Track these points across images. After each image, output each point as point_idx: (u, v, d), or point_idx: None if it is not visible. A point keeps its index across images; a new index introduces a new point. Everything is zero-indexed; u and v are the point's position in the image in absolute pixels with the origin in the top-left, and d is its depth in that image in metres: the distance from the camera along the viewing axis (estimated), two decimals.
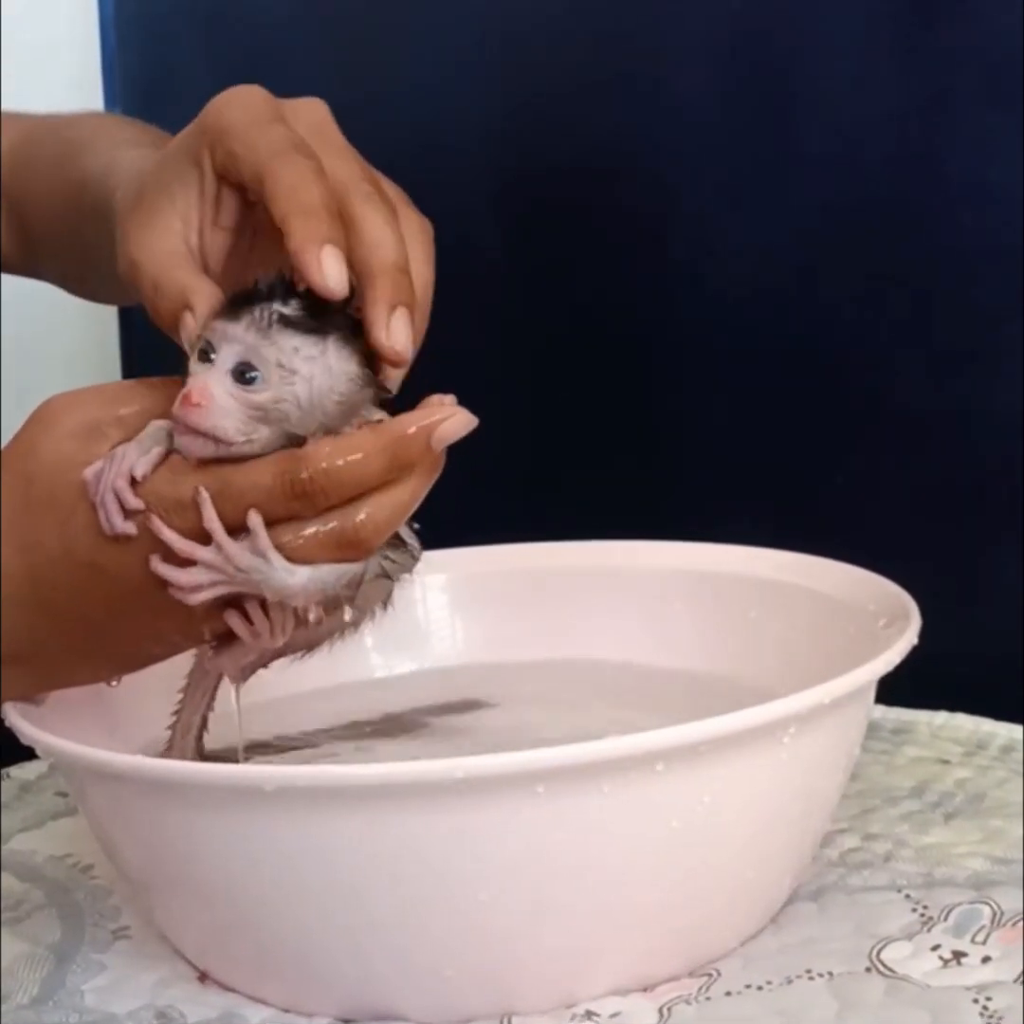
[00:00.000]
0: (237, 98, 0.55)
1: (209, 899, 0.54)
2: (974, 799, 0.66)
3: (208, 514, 0.50)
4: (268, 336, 0.50)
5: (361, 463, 0.50)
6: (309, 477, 0.49)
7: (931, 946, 0.55)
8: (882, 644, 0.56)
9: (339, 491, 0.50)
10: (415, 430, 0.50)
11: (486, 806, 0.49)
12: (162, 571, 0.50)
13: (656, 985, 0.54)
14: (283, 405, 0.50)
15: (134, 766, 0.51)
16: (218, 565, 0.50)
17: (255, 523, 0.50)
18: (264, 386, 0.49)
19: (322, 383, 0.50)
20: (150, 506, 0.50)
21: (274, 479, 0.50)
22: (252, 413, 0.49)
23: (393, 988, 0.52)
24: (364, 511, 0.50)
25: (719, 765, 0.51)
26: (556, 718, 0.65)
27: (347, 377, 0.50)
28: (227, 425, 0.49)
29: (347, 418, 0.50)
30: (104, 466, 0.50)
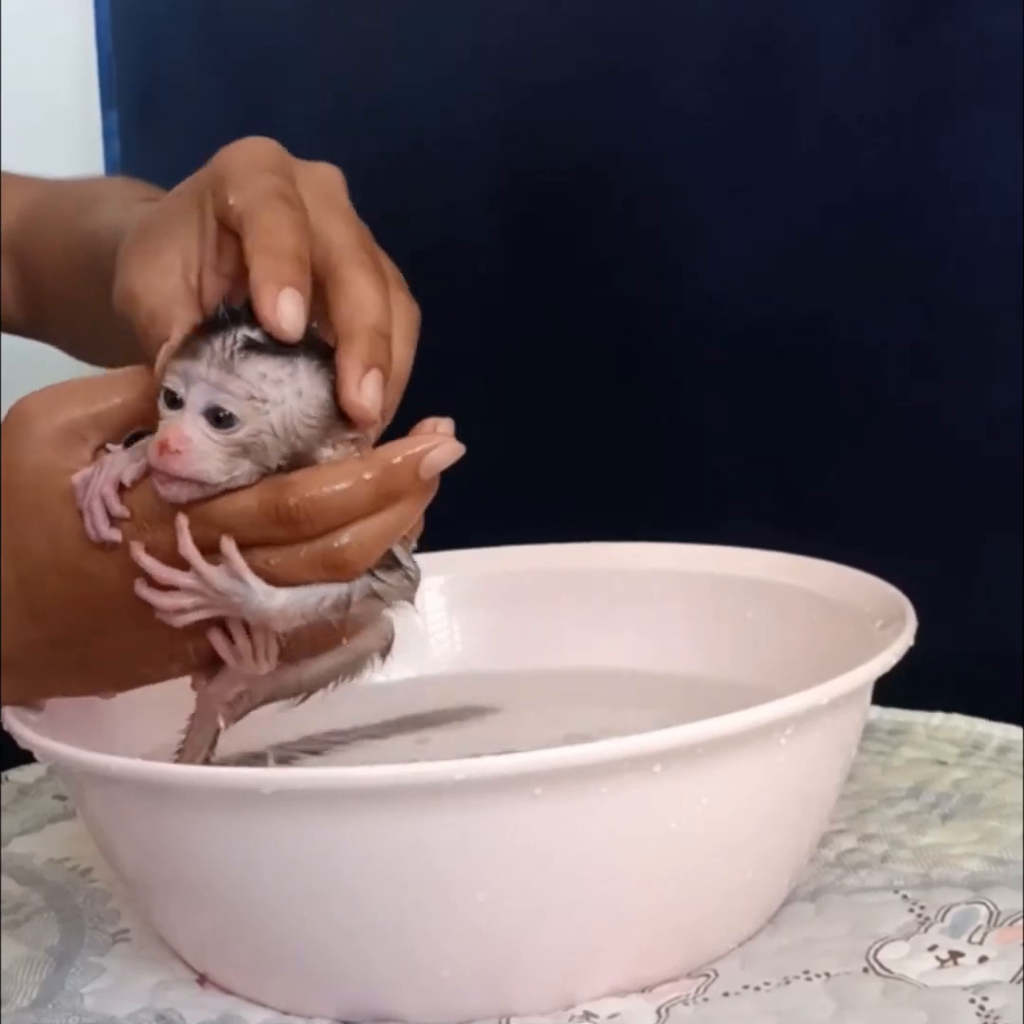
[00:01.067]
0: (245, 147, 0.55)
1: (208, 902, 0.54)
2: (971, 800, 0.66)
3: (183, 540, 0.49)
4: (232, 369, 0.49)
5: (348, 491, 0.49)
6: (295, 504, 0.49)
7: (928, 946, 0.55)
8: (879, 645, 0.56)
9: (325, 519, 0.49)
10: (402, 459, 0.50)
11: (485, 808, 0.49)
12: (145, 595, 0.50)
13: (654, 986, 0.54)
14: (261, 436, 0.49)
15: (132, 769, 0.51)
16: (197, 589, 0.50)
17: (227, 548, 0.49)
18: (239, 423, 0.49)
19: (293, 407, 0.49)
20: (135, 515, 0.50)
21: (260, 505, 0.49)
22: (232, 450, 0.49)
23: (392, 989, 0.53)
24: (350, 532, 0.50)
25: (716, 767, 0.51)
26: (553, 720, 0.65)
27: (318, 402, 0.49)
28: (209, 467, 0.49)
29: (321, 440, 0.50)
30: (92, 472, 0.50)
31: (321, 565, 0.50)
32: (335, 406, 0.50)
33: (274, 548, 0.50)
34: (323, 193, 0.55)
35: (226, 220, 0.54)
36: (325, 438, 0.50)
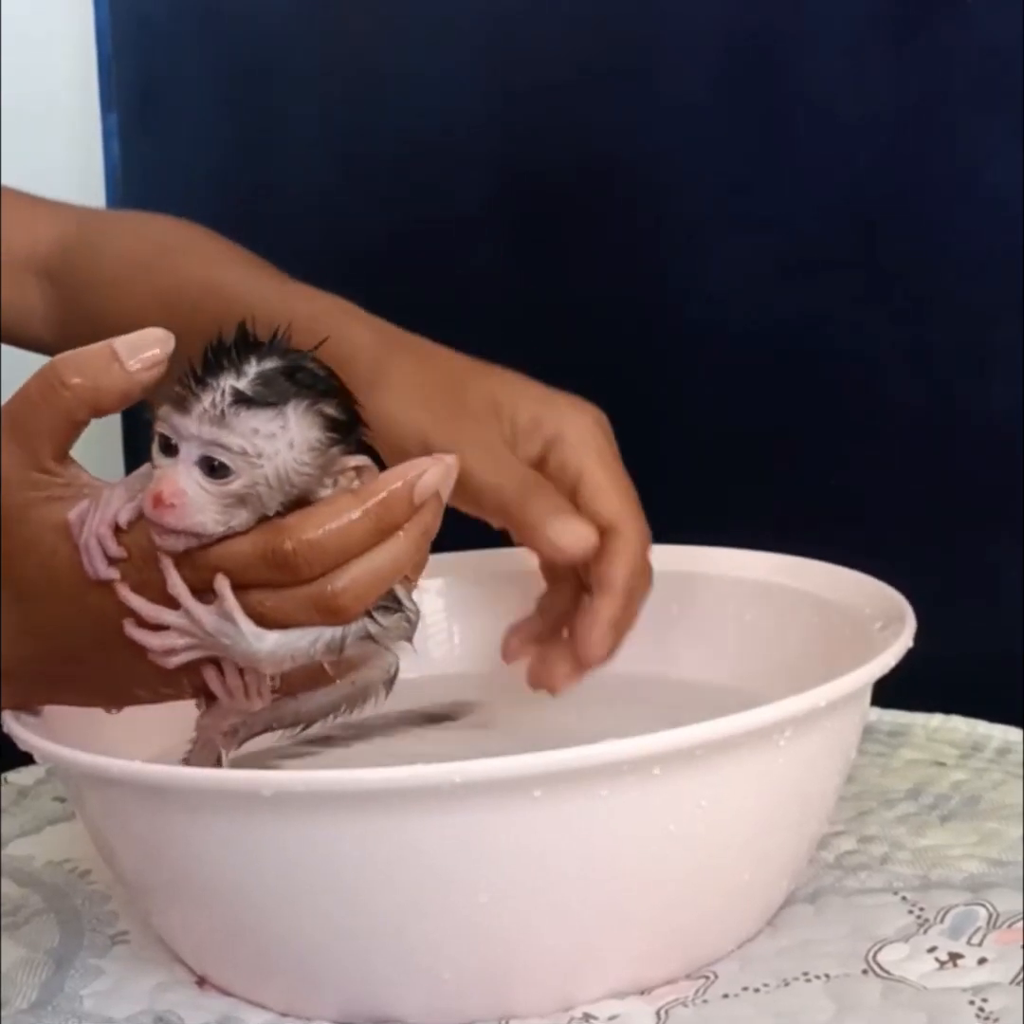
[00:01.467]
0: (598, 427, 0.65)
1: (207, 904, 0.54)
2: (970, 801, 0.66)
3: (172, 579, 0.49)
4: (226, 424, 0.48)
5: (344, 530, 0.49)
6: (292, 548, 0.49)
7: (927, 948, 0.55)
8: (878, 647, 0.56)
9: (323, 560, 0.49)
10: (394, 489, 0.49)
11: (484, 810, 0.49)
12: (136, 636, 0.50)
13: (654, 988, 0.54)
14: (256, 488, 0.49)
15: (131, 771, 0.51)
16: (187, 629, 0.49)
17: (221, 587, 0.49)
18: (234, 475, 0.48)
19: (286, 458, 0.49)
20: (132, 555, 0.50)
21: (255, 550, 0.49)
22: (227, 501, 0.49)
23: (392, 991, 0.53)
24: (346, 576, 0.49)
25: (716, 769, 0.51)
26: (552, 722, 0.65)
27: (309, 446, 0.49)
28: (205, 520, 0.49)
29: (319, 480, 0.49)
30: (88, 508, 0.50)
31: (315, 608, 0.50)
32: (328, 437, 0.49)
33: (269, 589, 0.49)
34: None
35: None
36: (324, 477, 0.50)
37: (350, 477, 0.50)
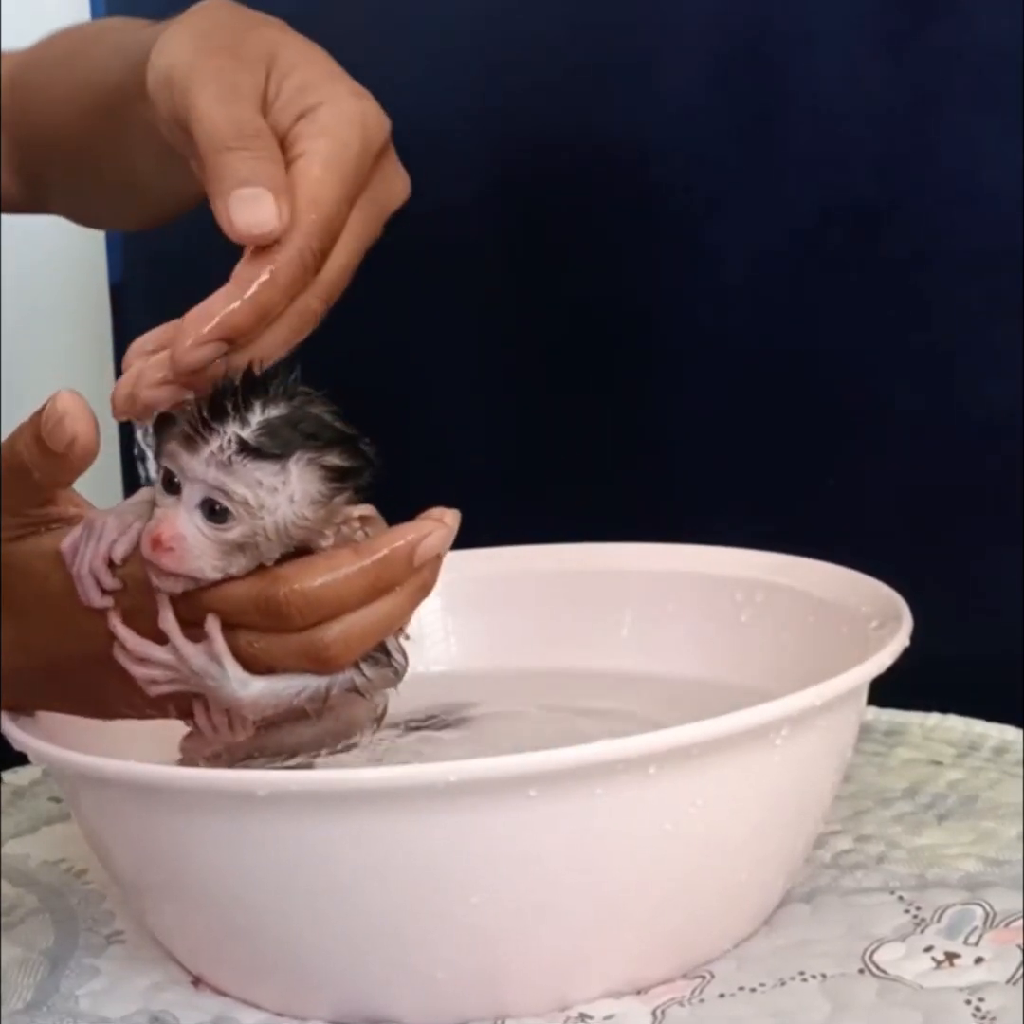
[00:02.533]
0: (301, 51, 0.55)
1: (202, 904, 0.54)
2: (967, 800, 0.66)
3: (164, 614, 0.49)
4: (231, 471, 0.48)
5: (340, 583, 0.49)
6: (285, 598, 0.48)
7: (924, 947, 0.55)
8: (874, 646, 0.56)
9: (316, 612, 0.49)
10: (395, 548, 0.49)
11: (479, 810, 0.49)
12: (121, 660, 0.50)
13: (650, 987, 0.54)
14: (255, 538, 0.49)
15: (126, 772, 0.51)
16: (172, 665, 0.50)
17: (211, 628, 0.49)
18: (234, 522, 0.48)
19: (286, 512, 0.49)
20: (127, 585, 0.50)
21: (248, 594, 0.49)
22: (225, 548, 0.49)
23: (386, 991, 0.52)
24: (338, 628, 0.49)
25: (712, 768, 0.51)
26: (548, 721, 0.65)
27: (310, 500, 0.49)
28: (203, 566, 0.49)
29: (320, 532, 0.49)
30: (80, 537, 0.50)
31: (306, 657, 0.49)
32: (331, 488, 0.49)
33: (260, 633, 0.49)
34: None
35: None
36: (325, 527, 0.50)
37: (353, 527, 0.50)
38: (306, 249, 0.50)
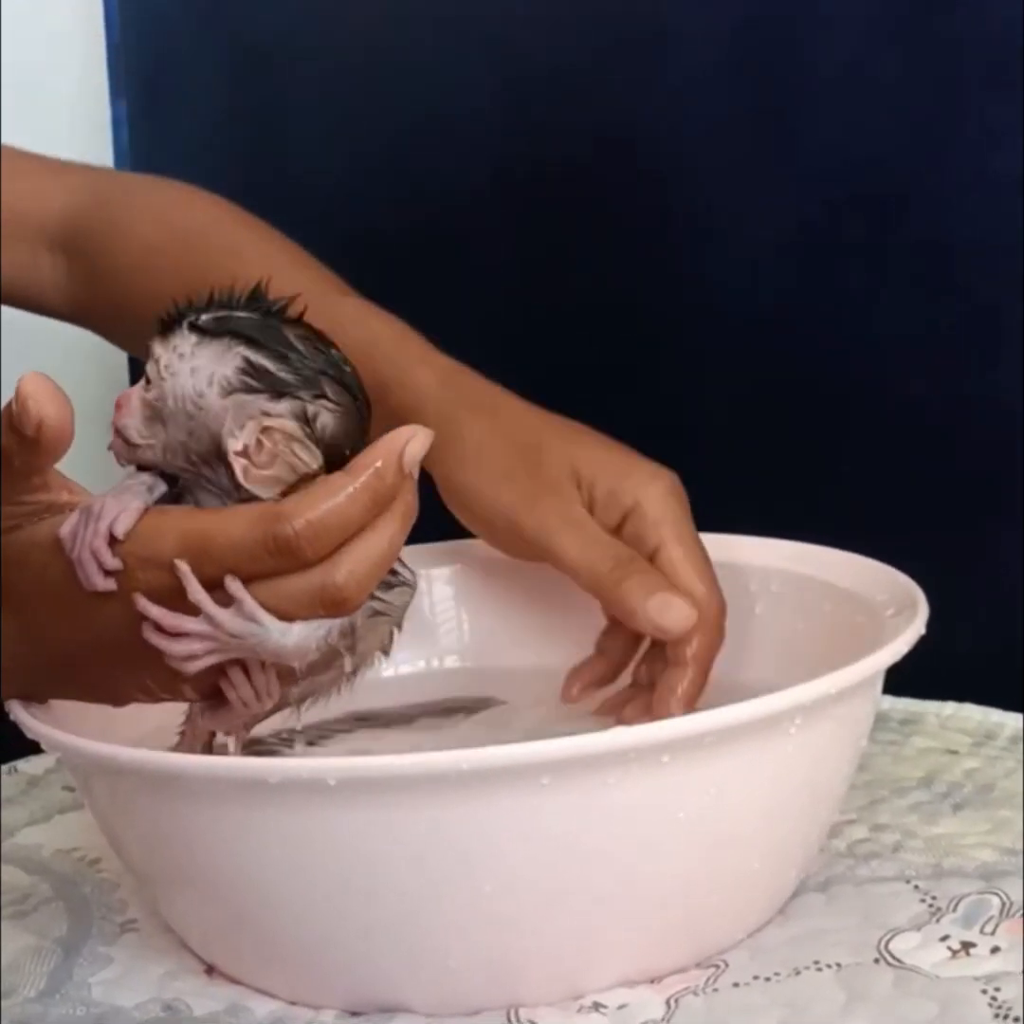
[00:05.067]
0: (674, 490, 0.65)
1: (214, 892, 0.53)
2: (983, 789, 0.66)
3: (192, 586, 0.49)
4: (165, 340, 0.51)
5: (343, 506, 0.49)
6: (294, 533, 0.49)
7: (939, 937, 0.54)
8: (890, 634, 0.55)
9: (326, 540, 0.49)
10: (386, 460, 0.50)
11: (492, 798, 0.49)
12: (155, 641, 0.50)
13: (663, 977, 0.53)
14: (160, 403, 0.51)
15: (138, 760, 0.51)
16: (210, 635, 0.50)
17: (236, 590, 0.49)
18: (152, 386, 0.51)
19: (185, 382, 0.50)
20: (128, 564, 0.50)
21: (255, 537, 0.49)
22: (147, 412, 0.51)
23: (399, 980, 0.52)
24: (345, 567, 0.49)
25: (726, 756, 0.51)
26: (561, 710, 0.65)
27: (210, 380, 0.50)
28: (130, 424, 0.51)
29: (222, 421, 0.50)
30: (79, 520, 0.50)
31: (320, 604, 0.50)
32: (243, 381, 0.50)
33: (270, 586, 0.49)
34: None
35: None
36: (232, 422, 0.50)
37: (275, 439, 0.50)
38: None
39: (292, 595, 0.50)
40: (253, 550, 0.49)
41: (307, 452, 0.50)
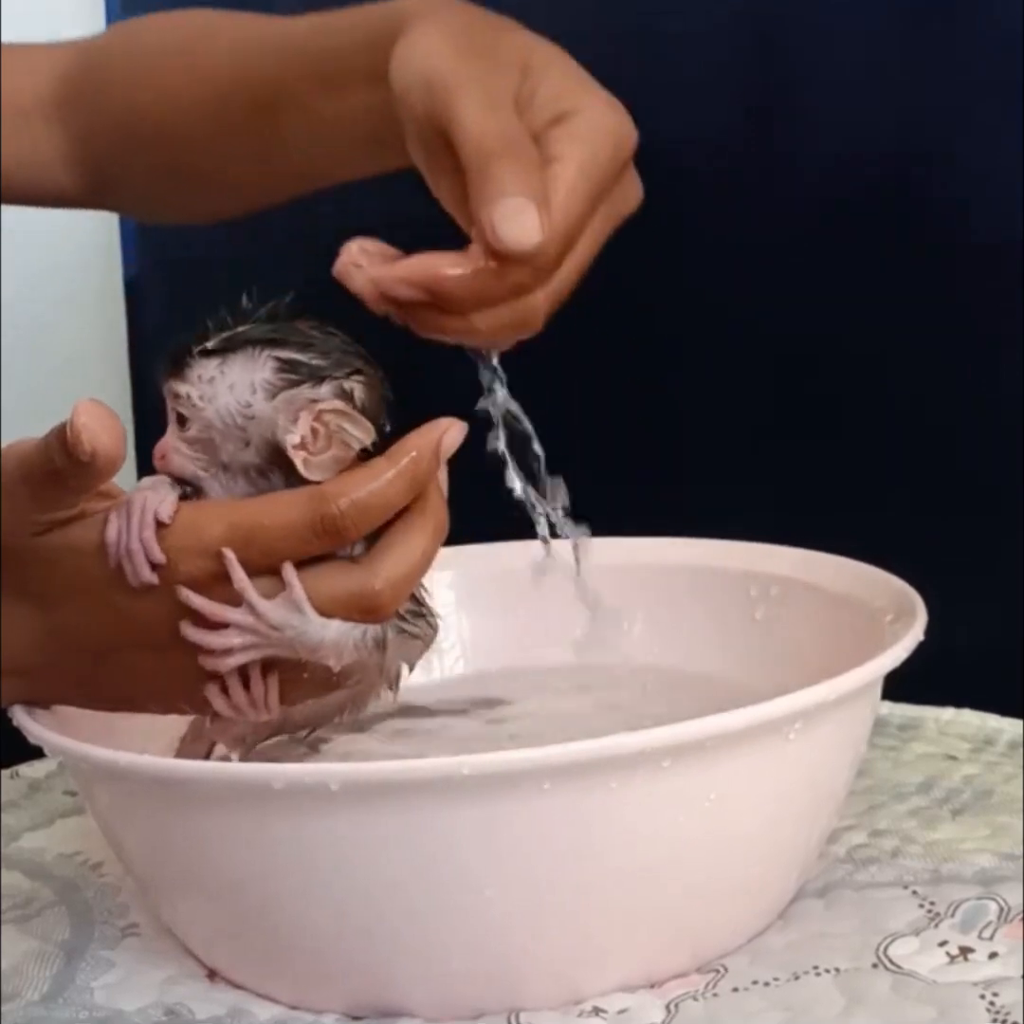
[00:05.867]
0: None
1: (216, 897, 0.54)
2: (981, 795, 0.66)
3: (237, 575, 0.50)
4: (184, 376, 0.52)
5: (383, 489, 0.51)
6: (339, 511, 0.50)
7: (938, 942, 0.55)
8: (888, 640, 0.56)
9: (368, 520, 0.51)
10: (423, 448, 0.51)
11: (493, 803, 0.49)
12: (193, 636, 0.50)
13: (663, 981, 0.54)
14: (207, 432, 0.52)
15: (140, 764, 0.51)
16: (251, 626, 0.50)
17: (290, 575, 0.50)
18: (191, 422, 0.52)
19: (227, 401, 0.52)
20: (169, 559, 0.50)
21: (303, 520, 0.50)
22: (194, 448, 0.52)
23: (401, 984, 0.53)
24: (383, 574, 0.51)
25: (726, 761, 0.51)
26: (562, 715, 0.65)
27: (253, 388, 0.51)
28: (183, 463, 0.52)
29: (275, 421, 0.51)
30: (120, 517, 0.50)
31: (357, 607, 0.51)
32: (290, 379, 0.51)
33: (310, 584, 0.50)
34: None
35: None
36: (286, 420, 0.51)
37: (325, 420, 0.51)
38: (546, 253, 0.52)
39: (331, 594, 0.51)
40: (302, 532, 0.50)
41: (358, 427, 0.51)
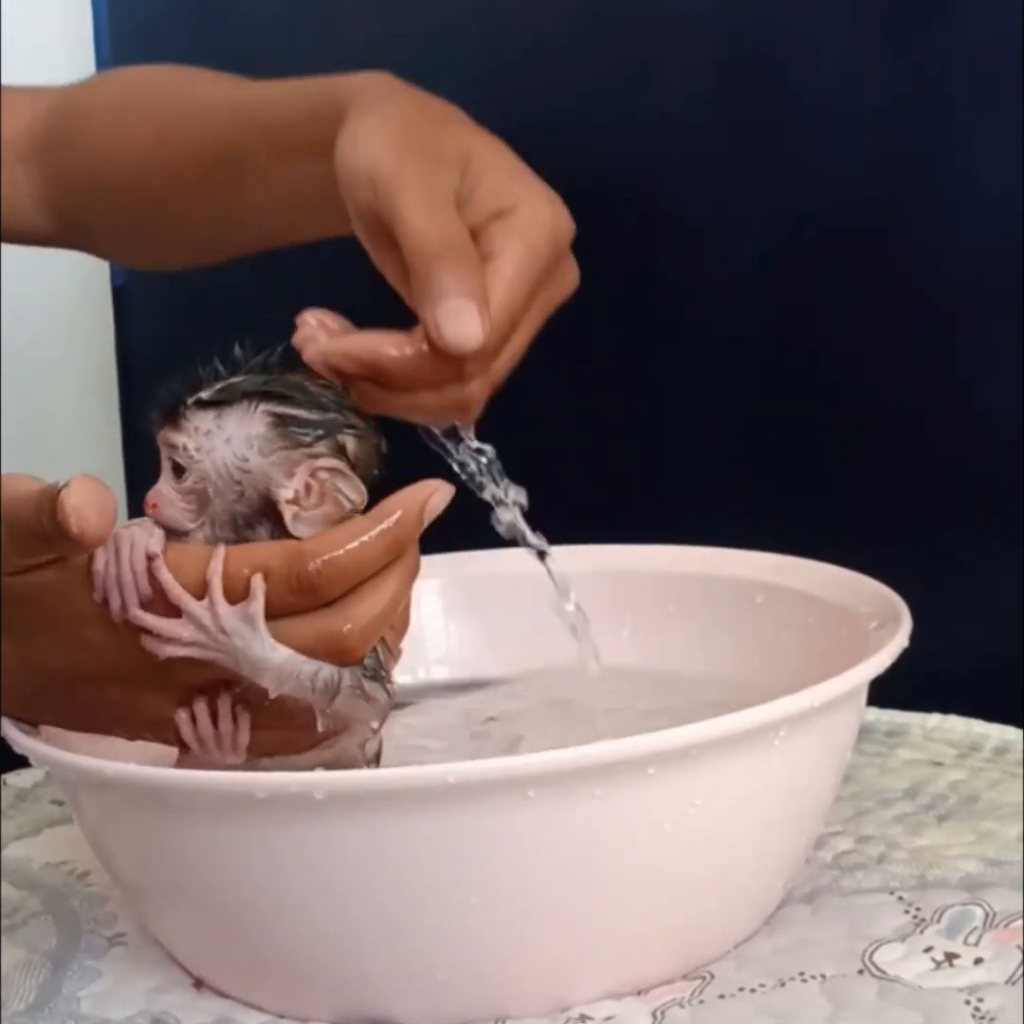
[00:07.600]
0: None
1: (202, 906, 0.54)
2: (967, 801, 0.66)
3: (215, 563, 0.50)
4: (180, 427, 0.52)
5: (363, 550, 0.51)
6: (315, 571, 0.50)
7: (924, 948, 0.55)
8: (873, 647, 0.56)
9: (343, 580, 0.51)
10: (407, 508, 0.51)
11: (478, 811, 0.49)
12: (142, 619, 0.50)
13: (650, 988, 0.54)
14: (202, 483, 0.52)
15: (125, 774, 0.51)
16: (205, 622, 0.50)
17: (257, 587, 0.50)
18: (187, 473, 0.52)
19: (224, 453, 0.52)
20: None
21: (280, 574, 0.50)
22: (187, 499, 0.52)
23: (387, 992, 0.53)
24: (351, 618, 0.51)
25: (711, 768, 0.51)
26: (548, 722, 0.65)
27: (249, 442, 0.51)
28: (175, 515, 0.52)
29: (270, 476, 0.51)
30: (108, 556, 0.50)
31: (325, 650, 0.51)
32: (279, 433, 0.51)
33: (282, 626, 0.50)
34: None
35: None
36: (281, 475, 0.51)
37: (321, 478, 0.51)
38: (486, 349, 0.53)
39: (301, 635, 0.51)
40: (277, 587, 0.50)
41: (352, 487, 0.52)
